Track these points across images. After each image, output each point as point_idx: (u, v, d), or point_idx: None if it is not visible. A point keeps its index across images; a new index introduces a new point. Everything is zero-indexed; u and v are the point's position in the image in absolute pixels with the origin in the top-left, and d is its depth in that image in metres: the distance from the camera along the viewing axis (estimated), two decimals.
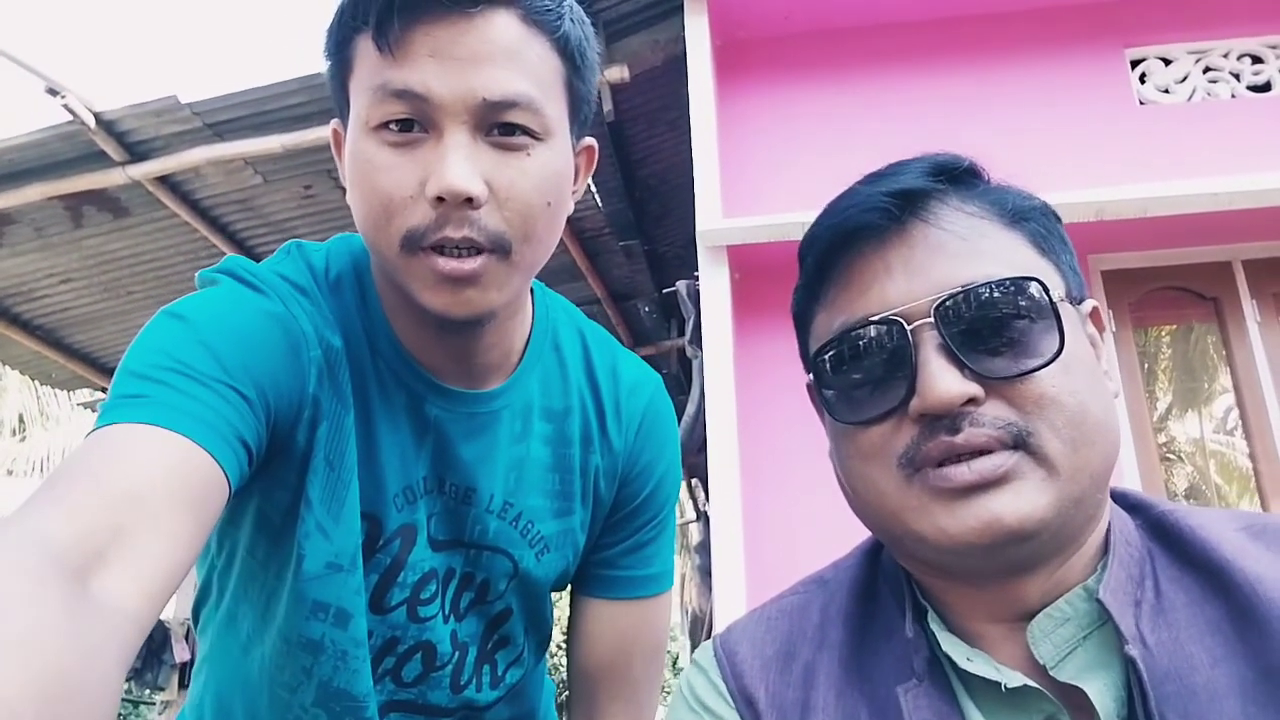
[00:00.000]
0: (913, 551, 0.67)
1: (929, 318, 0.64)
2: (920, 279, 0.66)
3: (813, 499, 3.05)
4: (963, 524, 0.61)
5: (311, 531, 0.86)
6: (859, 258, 0.70)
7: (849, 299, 0.70)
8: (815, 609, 0.78)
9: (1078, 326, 0.68)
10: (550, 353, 1.00)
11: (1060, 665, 0.63)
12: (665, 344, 6.09)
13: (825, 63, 3.70)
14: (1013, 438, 0.61)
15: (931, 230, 0.68)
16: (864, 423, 0.67)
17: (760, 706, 0.73)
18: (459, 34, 0.74)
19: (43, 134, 3.73)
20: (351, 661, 0.91)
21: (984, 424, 0.62)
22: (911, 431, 0.64)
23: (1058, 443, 0.61)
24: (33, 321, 5.13)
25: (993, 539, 0.61)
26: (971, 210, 0.69)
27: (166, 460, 0.64)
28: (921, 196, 0.69)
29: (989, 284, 0.64)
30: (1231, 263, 3.41)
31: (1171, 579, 0.64)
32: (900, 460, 0.65)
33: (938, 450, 0.62)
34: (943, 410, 0.62)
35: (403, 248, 0.76)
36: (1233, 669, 0.58)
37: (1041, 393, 0.62)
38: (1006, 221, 0.70)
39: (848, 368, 0.68)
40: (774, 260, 3.29)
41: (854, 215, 0.69)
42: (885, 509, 0.67)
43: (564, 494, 1.00)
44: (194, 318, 0.77)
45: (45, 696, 0.44)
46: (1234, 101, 3.48)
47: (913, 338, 0.64)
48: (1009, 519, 0.60)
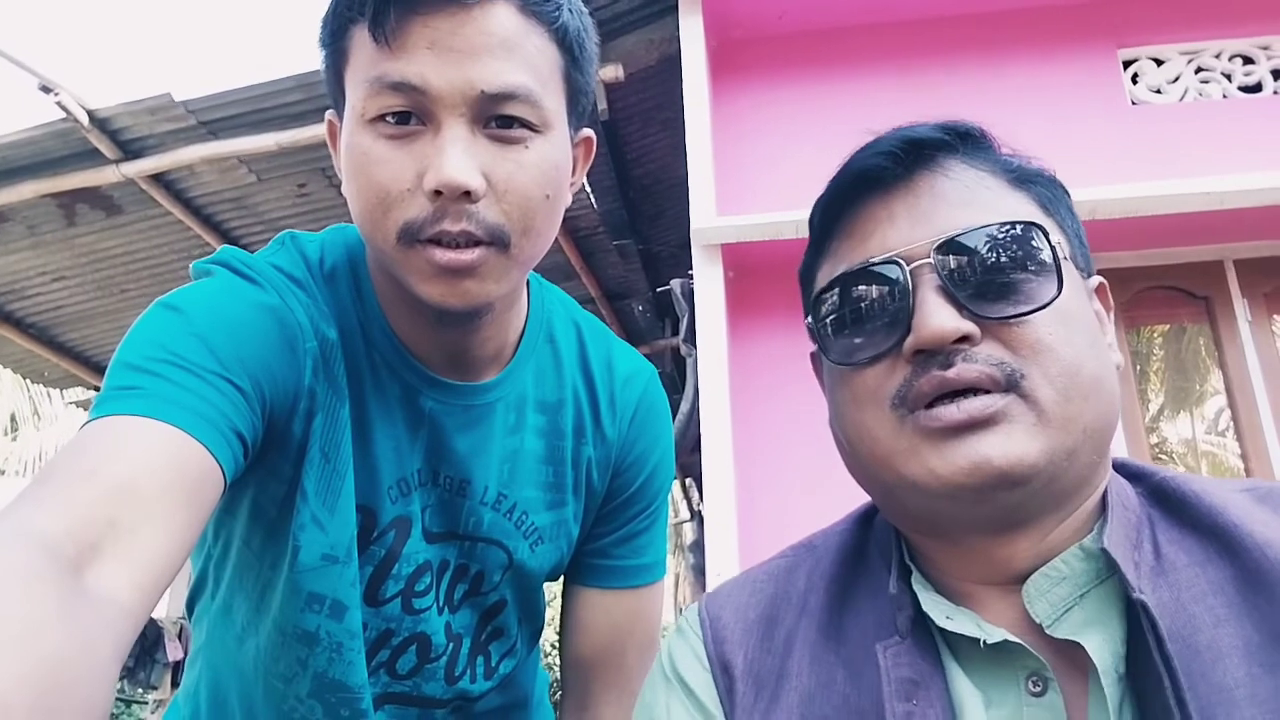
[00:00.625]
0: (905, 503, 0.67)
1: (928, 259, 0.65)
2: (923, 226, 0.67)
3: (807, 498, 3.05)
4: (952, 464, 0.61)
5: (307, 523, 0.86)
6: (863, 208, 0.71)
7: (851, 247, 0.71)
8: (801, 574, 0.78)
9: (1080, 289, 0.68)
10: (545, 345, 1.00)
11: (1056, 624, 0.62)
12: (659, 343, 6.09)
13: (819, 62, 3.71)
14: (1005, 377, 0.61)
15: (938, 179, 0.69)
16: (860, 364, 0.67)
17: (736, 673, 0.73)
18: (457, 25, 0.73)
19: (36, 131, 3.72)
20: (346, 653, 0.91)
21: (977, 360, 0.62)
22: (905, 371, 0.64)
23: (1050, 389, 0.61)
24: (25, 320, 5.11)
25: (982, 480, 0.60)
26: (979, 167, 0.70)
27: (161, 452, 0.64)
28: (930, 147, 0.70)
29: (990, 226, 0.65)
30: (1223, 262, 3.42)
31: (1171, 541, 0.64)
32: (894, 400, 0.65)
33: (929, 385, 0.62)
34: (936, 344, 0.62)
35: (400, 240, 0.76)
36: (1237, 630, 0.58)
37: (1037, 338, 0.62)
38: (1013, 182, 0.71)
39: (846, 310, 0.69)
40: (768, 259, 3.29)
41: (861, 160, 0.71)
42: (877, 455, 0.66)
43: (557, 485, 1.00)
44: (189, 309, 0.77)
45: (40, 689, 0.44)
46: (1225, 102, 3.49)
47: (911, 279, 0.65)
48: (998, 460, 0.60)
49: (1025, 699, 0.61)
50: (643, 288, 5.68)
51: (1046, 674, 0.61)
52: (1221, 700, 0.55)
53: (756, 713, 0.70)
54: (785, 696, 0.70)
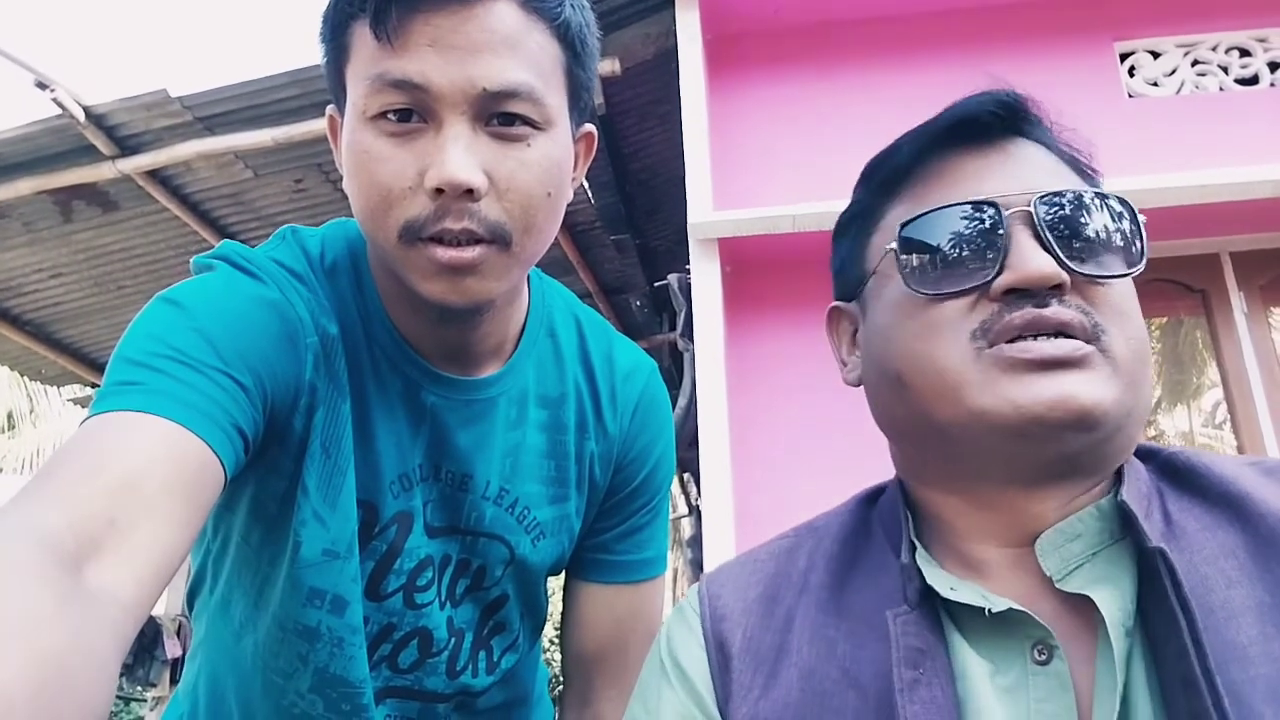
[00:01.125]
0: (958, 442, 0.66)
1: (1028, 207, 0.66)
2: (1017, 182, 0.69)
3: (804, 492, 3.05)
4: (1035, 396, 0.61)
5: (308, 519, 0.86)
6: (954, 157, 0.72)
7: (940, 190, 0.71)
8: (802, 553, 0.78)
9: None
10: (546, 339, 1.00)
11: (1067, 579, 0.63)
12: (657, 338, 6.08)
13: (815, 56, 3.70)
14: (1092, 329, 0.63)
15: (1028, 147, 0.72)
16: (942, 295, 0.67)
17: (733, 650, 0.73)
18: (458, 23, 0.73)
19: (31, 128, 3.70)
20: (347, 648, 0.91)
21: (1072, 306, 0.64)
22: (990, 309, 0.65)
23: (1125, 349, 0.64)
24: (22, 317, 5.10)
25: (1063, 415, 0.61)
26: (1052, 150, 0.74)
27: (161, 448, 0.64)
28: (1024, 112, 0.73)
29: (1087, 192, 0.68)
30: (1219, 255, 3.42)
31: (1182, 509, 0.66)
32: (976, 332, 0.65)
33: (1022, 320, 0.63)
34: (1036, 285, 0.64)
35: (401, 238, 0.76)
36: (1250, 592, 0.59)
37: (1118, 303, 0.66)
38: (1081, 175, 0.75)
39: (934, 241, 0.69)
40: (765, 253, 3.29)
41: (965, 107, 0.73)
42: (944, 386, 0.65)
43: (559, 480, 1.00)
44: (190, 304, 0.77)
45: (40, 685, 0.44)
46: (1222, 95, 3.49)
47: (1008, 223, 0.66)
48: (1084, 398, 0.61)
49: (1031, 668, 0.61)
50: (640, 282, 5.68)
51: (1052, 642, 0.61)
52: (1235, 657, 0.56)
53: (755, 688, 0.70)
54: (784, 672, 0.70)
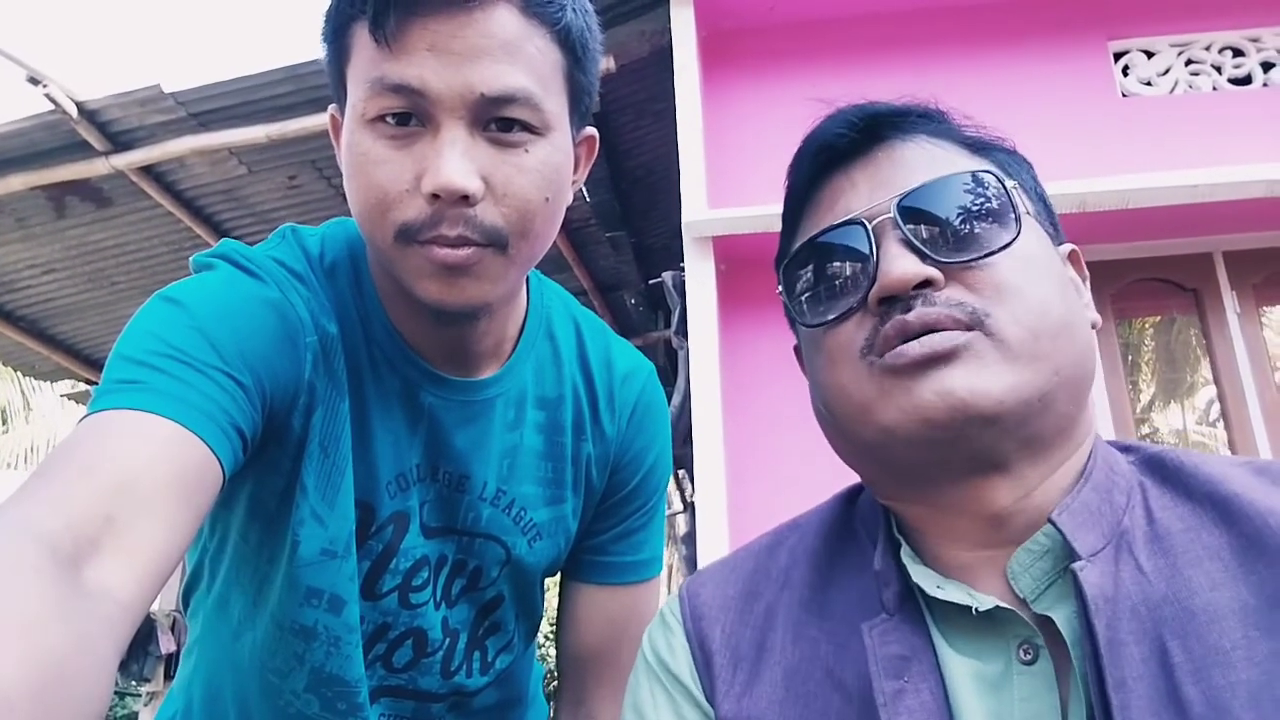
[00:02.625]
0: (886, 457, 0.67)
1: (889, 214, 0.66)
2: (883, 189, 0.69)
3: (798, 489, 3.06)
4: (919, 398, 0.61)
5: (306, 518, 0.86)
6: (826, 181, 0.73)
7: (817, 219, 0.73)
8: (784, 550, 0.78)
9: (1047, 245, 0.70)
10: (544, 341, 1.00)
11: (1040, 598, 0.63)
12: (652, 335, 6.08)
13: (810, 53, 3.71)
14: (968, 316, 0.62)
15: (896, 148, 0.71)
16: (830, 322, 0.69)
17: (713, 648, 0.73)
18: (457, 28, 0.73)
19: (24, 123, 3.69)
20: (344, 647, 0.91)
21: (937, 303, 0.63)
22: (872, 322, 0.65)
23: (1017, 328, 0.62)
24: (15, 312, 5.08)
25: (949, 414, 0.60)
26: (937, 139, 0.72)
27: (160, 447, 0.64)
28: (886, 118, 0.72)
29: (948, 178, 0.67)
30: (1212, 254, 3.43)
31: (1164, 507, 0.64)
32: (863, 349, 0.66)
33: (894, 329, 0.63)
34: (898, 290, 0.64)
35: (397, 240, 0.76)
36: (1234, 594, 0.58)
37: (1001, 279, 0.64)
38: (971, 149, 0.73)
39: (814, 275, 0.70)
40: (759, 251, 3.28)
41: (820, 132, 0.73)
42: (853, 410, 0.67)
43: (556, 481, 1.00)
44: (190, 303, 0.76)
45: (39, 684, 0.44)
46: (1215, 94, 3.50)
47: (874, 235, 0.66)
48: (961, 391, 0.60)
49: (1016, 667, 0.62)
50: (635, 280, 5.67)
51: (1037, 642, 0.61)
52: (1218, 661, 0.56)
53: (737, 685, 0.71)
54: (768, 670, 0.70)
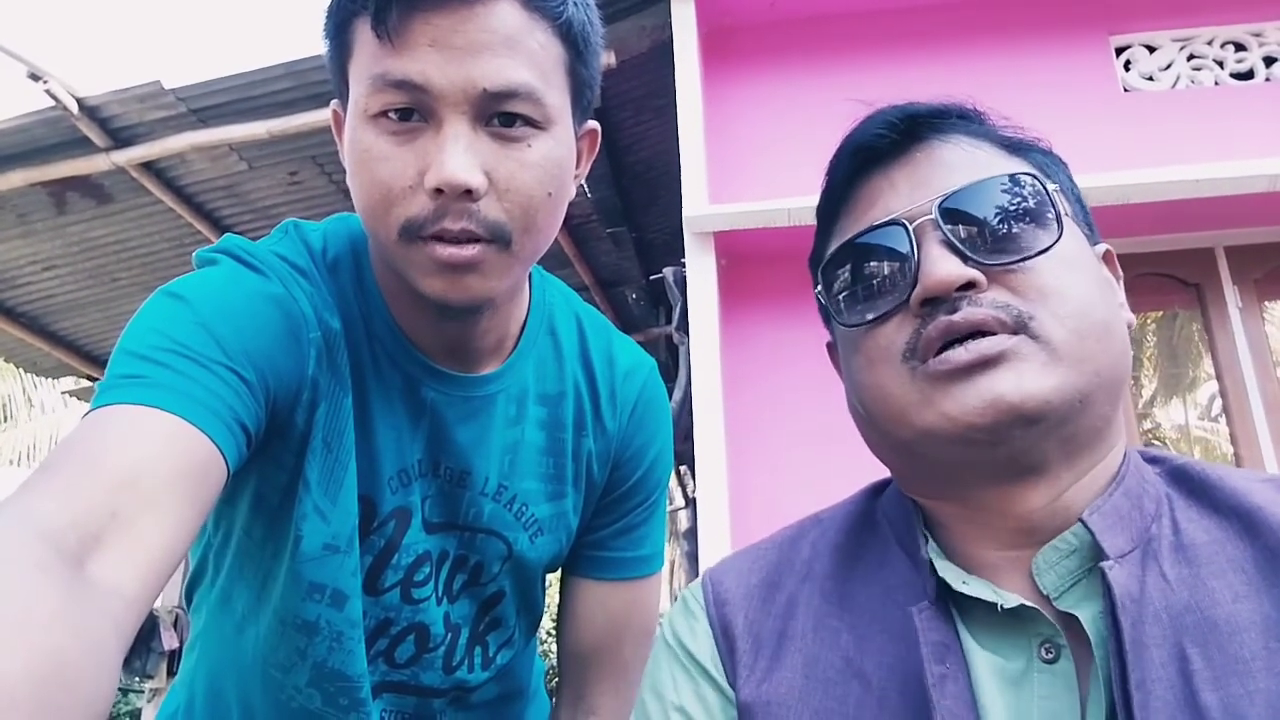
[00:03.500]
0: (924, 458, 0.67)
1: (931, 215, 0.66)
2: (923, 190, 0.68)
3: (799, 484, 3.06)
4: (964, 405, 0.61)
5: (309, 513, 0.86)
6: (864, 183, 0.72)
7: (855, 219, 0.72)
8: (806, 543, 0.78)
9: (1085, 245, 0.70)
10: (546, 337, 1.00)
11: (1063, 596, 0.63)
12: (654, 331, 6.08)
13: (811, 49, 3.70)
14: (1013, 319, 0.62)
15: (935, 148, 0.71)
16: (870, 323, 0.68)
17: (735, 633, 0.74)
18: (459, 22, 0.72)
19: (25, 120, 3.68)
20: (347, 642, 0.91)
21: (983, 304, 0.63)
22: (914, 324, 0.65)
23: (1061, 330, 0.62)
24: (16, 309, 5.08)
25: (996, 417, 0.60)
26: (975, 137, 0.72)
27: (164, 443, 0.64)
28: (925, 119, 0.71)
29: (989, 180, 0.67)
30: (1214, 249, 3.43)
31: (1190, 520, 0.65)
32: (905, 353, 0.65)
33: (937, 331, 0.63)
34: (942, 291, 0.63)
35: (401, 236, 0.76)
36: (1255, 606, 0.59)
37: (1044, 282, 0.63)
38: (1009, 149, 0.72)
39: (854, 276, 0.70)
40: (760, 247, 3.29)
41: (858, 134, 0.72)
42: (892, 411, 0.66)
43: (557, 477, 1.01)
44: (193, 298, 0.77)
45: (42, 680, 0.44)
46: (1217, 89, 3.50)
47: (915, 236, 0.66)
48: (1011, 395, 0.60)
49: (1037, 665, 0.62)
50: (636, 276, 5.67)
51: (1059, 641, 0.62)
52: (1238, 671, 0.56)
53: (758, 671, 0.71)
54: (788, 657, 0.70)
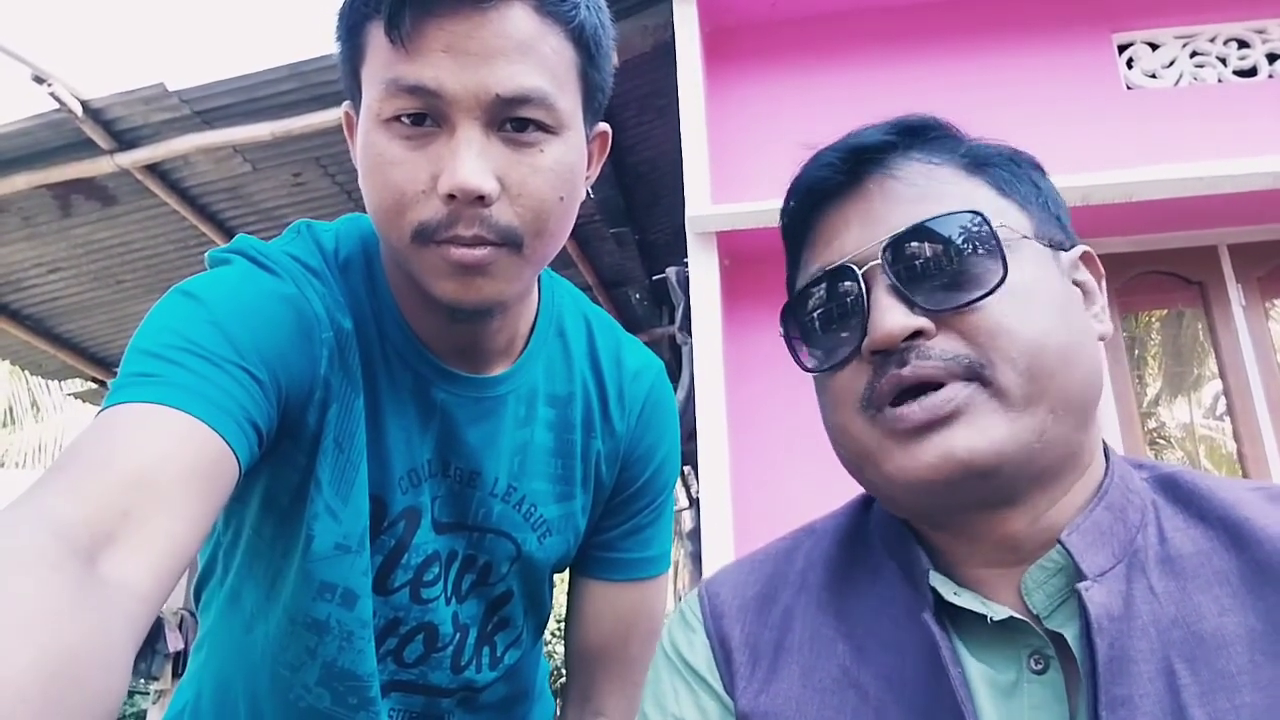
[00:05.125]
0: (890, 496, 0.68)
1: (878, 260, 0.66)
2: (875, 227, 0.68)
3: (802, 484, 3.06)
4: (918, 462, 0.62)
5: (320, 513, 0.86)
6: (821, 218, 0.73)
7: (813, 257, 0.73)
8: (800, 554, 0.79)
9: (1044, 263, 0.68)
10: (555, 338, 1.00)
11: (1052, 614, 0.63)
12: (656, 331, 6.06)
13: (813, 48, 3.70)
14: (964, 369, 0.62)
15: (888, 181, 0.70)
16: (828, 370, 0.69)
17: (733, 645, 0.74)
18: (473, 28, 0.73)
19: (29, 122, 3.69)
20: (356, 642, 0.92)
21: (931, 356, 0.63)
22: (868, 372, 0.66)
23: (1013, 373, 0.61)
24: (21, 311, 5.09)
25: (948, 475, 0.61)
26: (932, 161, 0.71)
27: (177, 441, 0.64)
28: (876, 151, 0.71)
29: (931, 220, 0.66)
30: (1217, 247, 3.42)
31: (1177, 529, 0.65)
32: (861, 402, 0.66)
33: (888, 385, 0.64)
34: (888, 344, 0.64)
35: (413, 240, 0.76)
36: (1241, 619, 0.59)
37: (994, 323, 0.63)
38: (967, 168, 0.71)
39: (810, 320, 0.71)
40: (763, 247, 3.28)
41: (807, 174, 0.73)
42: (858, 454, 0.68)
43: (566, 478, 1.01)
44: (207, 297, 0.77)
45: (53, 676, 0.44)
46: (1220, 86, 3.49)
47: (864, 281, 0.66)
48: (960, 453, 0.60)
49: (1026, 675, 0.63)
50: (639, 276, 5.67)
51: (1048, 652, 0.62)
52: (1224, 686, 0.57)
53: (755, 682, 0.72)
54: (785, 668, 0.71)
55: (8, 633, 0.44)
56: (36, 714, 0.43)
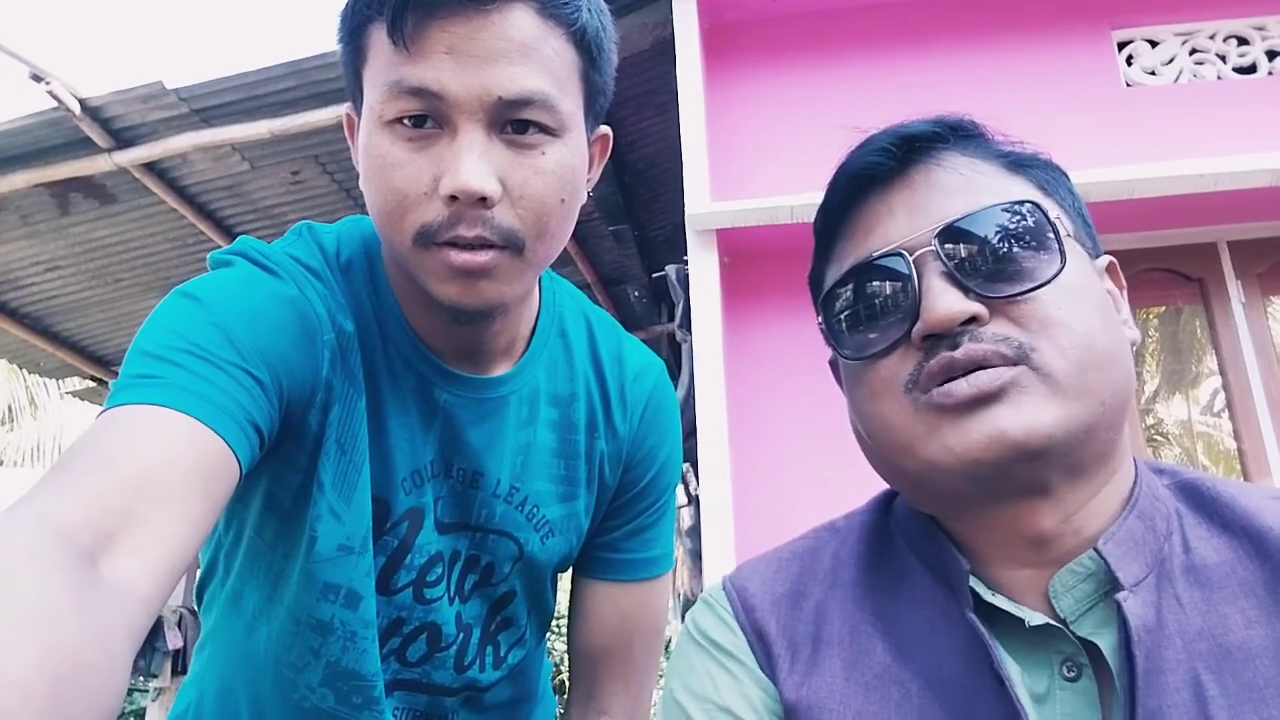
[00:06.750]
0: (930, 486, 0.67)
1: (930, 246, 0.65)
2: (921, 216, 0.68)
3: (802, 482, 3.06)
4: (967, 439, 0.61)
5: (324, 514, 0.86)
6: (862, 207, 0.72)
7: (854, 245, 0.72)
8: (827, 553, 0.78)
9: (1088, 266, 0.69)
10: (557, 339, 1.00)
11: (1080, 620, 0.63)
12: (656, 329, 6.07)
13: (812, 45, 3.69)
14: (1014, 352, 0.62)
15: (933, 171, 0.70)
16: (872, 357, 0.68)
17: (771, 637, 0.74)
18: (475, 30, 0.73)
19: (27, 121, 3.69)
20: (360, 642, 0.92)
21: (984, 339, 0.62)
22: (916, 357, 0.65)
23: (1063, 361, 0.61)
24: (20, 310, 5.09)
25: (999, 453, 0.60)
26: (973, 156, 0.71)
27: (178, 443, 0.64)
28: (923, 140, 0.71)
29: (989, 209, 0.66)
30: (1217, 244, 3.42)
31: (1200, 539, 0.65)
32: (907, 385, 0.65)
33: (939, 366, 0.63)
34: (944, 328, 0.63)
35: (415, 242, 0.76)
36: (1268, 631, 0.59)
37: (1046, 314, 0.63)
38: (1009, 167, 0.72)
39: (855, 307, 0.70)
40: (763, 244, 3.29)
41: (855, 159, 0.72)
42: (897, 443, 0.67)
43: (569, 479, 1.01)
44: (208, 299, 0.77)
45: (55, 677, 0.44)
46: (1220, 83, 3.49)
47: (915, 268, 0.66)
48: (1013, 432, 0.60)
49: (1059, 682, 0.62)
50: (639, 273, 5.67)
51: (1081, 660, 0.62)
52: (1251, 699, 0.57)
53: (796, 673, 0.71)
54: (826, 661, 0.71)
55: (10, 633, 0.44)
56: (39, 714, 0.42)
